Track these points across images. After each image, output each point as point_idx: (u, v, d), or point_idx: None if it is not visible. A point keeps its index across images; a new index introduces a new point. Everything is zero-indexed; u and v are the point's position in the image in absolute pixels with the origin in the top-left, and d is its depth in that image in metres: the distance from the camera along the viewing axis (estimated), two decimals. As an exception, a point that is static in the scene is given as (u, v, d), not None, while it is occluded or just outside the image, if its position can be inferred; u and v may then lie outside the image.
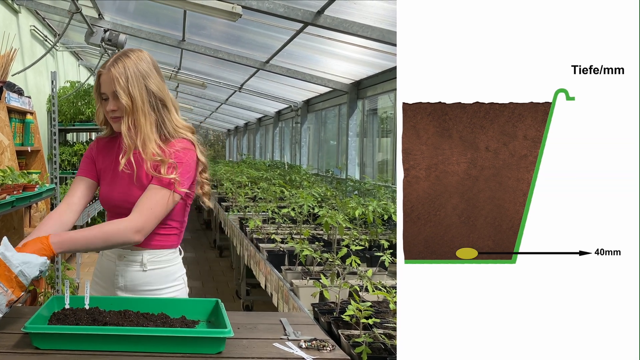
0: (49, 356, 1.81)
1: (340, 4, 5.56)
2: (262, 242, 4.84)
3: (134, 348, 1.85)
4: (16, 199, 4.02)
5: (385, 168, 8.73)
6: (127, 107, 2.22)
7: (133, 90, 2.22)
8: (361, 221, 4.60)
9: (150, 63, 2.30)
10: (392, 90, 7.85)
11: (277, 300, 3.84)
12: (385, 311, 2.84)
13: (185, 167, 2.26)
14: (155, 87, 2.26)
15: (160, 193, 2.21)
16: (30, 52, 8.31)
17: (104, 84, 2.27)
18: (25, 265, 1.98)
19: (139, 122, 2.24)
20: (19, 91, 6.04)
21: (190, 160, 2.28)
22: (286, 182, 7.21)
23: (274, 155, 16.00)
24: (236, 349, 1.90)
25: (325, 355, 1.88)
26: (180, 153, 2.26)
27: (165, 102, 2.30)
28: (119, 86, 2.21)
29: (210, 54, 8.68)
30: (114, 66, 2.24)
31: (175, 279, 2.42)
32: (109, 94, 2.27)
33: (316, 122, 12.44)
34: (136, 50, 2.32)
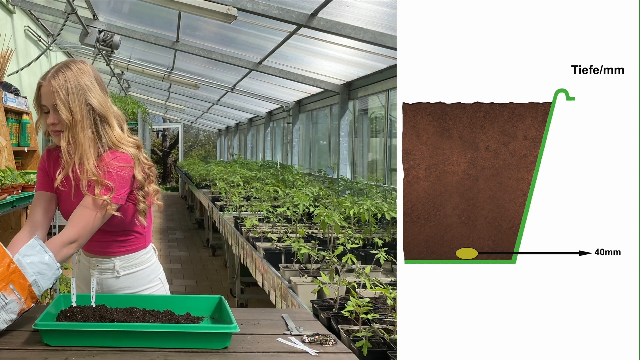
0: (59, 352, 1.84)
1: (334, 7, 5.61)
2: (258, 240, 4.88)
3: (141, 344, 1.88)
4: (16, 199, 4.06)
5: (376, 168, 8.79)
6: (67, 121, 2.15)
7: (73, 104, 2.15)
8: (355, 220, 4.66)
9: (92, 76, 2.23)
10: (383, 91, 7.91)
11: (275, 297, 3.87)
12: (382, 307, 2.89)
13: (120, 182, 2.19)
14: (96, 102, 2.19)
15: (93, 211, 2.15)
16: (25, 52, 8.31)
17: (44, 95, 2.19)
18: (40, 276, 1.99)
19: (78, 138, 2.17)
20: (15, 91, 6.06)
21: (125, 175, 2.21)
22: (279, 181, 7.26)
23: (265, 155, 16.00)
24: (241, 344, 1.94)
25: (328, 350, 1.92)
26: (115, 166, 2.19)
27: (106, 117, 2.22)
28: (59, 100, 2.15)
29: (204, 55, 8.70)
30: (54, 78, 2.17)
31: (150, 280, 2.43)
32: (49, 106, 2.19)
33: (307, 122, 12.48)
34: (78, 62, 2.25)
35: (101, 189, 2.16)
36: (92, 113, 2.19)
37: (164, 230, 13.80)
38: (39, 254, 2.02)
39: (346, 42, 6.67)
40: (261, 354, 1.87)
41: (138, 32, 8.43)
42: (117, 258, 2.36)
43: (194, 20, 7.47)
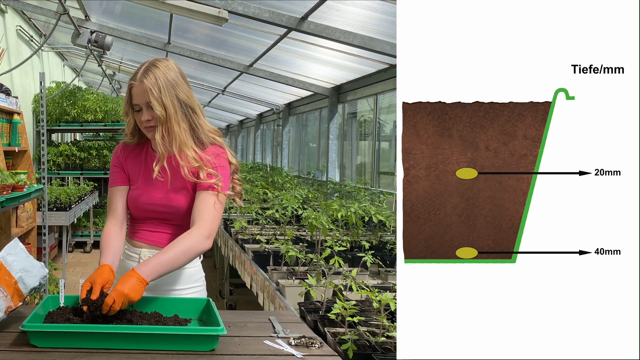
0: (46, 354, 1.84)
1: (324, 11, 5.64)
2: (247, 242, 4.89)
3: (129, 346, 1.89)
4: (6, 199, 4.06)
5: (364, 170, 8.83)
6: (162, 116, 2.26)
7: (166, 100, 2.26)
8: (343, 222, 4.68)
9: (178, 72, 2.34)
10: (372, 95, 7.97)
11: (263, 299, 3.89)
12: (369, 310, 2.91)
13: (222, 170, 2.32)
14: (184, 95, 2.30)
15: (212, 197, 2.27)
16: (17, 52, 8.29)
17: (136, 95, 2.30)
18: (25, 273, 2.01)
19: (173, 130, 2.28)
20: (6, 91, 6.05)
21: (225, 164, 2.35)
22: (268, 183, 7.28)
23: (255, 157, 16.02)
24: (228, 346, 1.95)
25: (314, 352, 1.94)
26: (215, 160, 2.32)
27: (194, 108, 2.34)
28: (153, 97, 2.25)
29: (195, 57, 8.71)
30: (145, 77, 2.27)
31: (196, 280, 2.46)
32: (142, 104, 2.30)
33: (297, 124, 12.52)
34: (163, 60, 2.35)
35: (207, 176, 2.29)
36: (184, 106, 2.31)
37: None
38: (20, 254, 2.05)
39: (336, 46, 6.71)
40: (248, 356, 1.89)
41: (130, 33, 8.43)
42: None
43: (186, 23, 7.47)
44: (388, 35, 5.80)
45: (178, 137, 2.29)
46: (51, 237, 7.01)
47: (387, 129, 8.17)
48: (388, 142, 8.17)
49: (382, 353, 2.35)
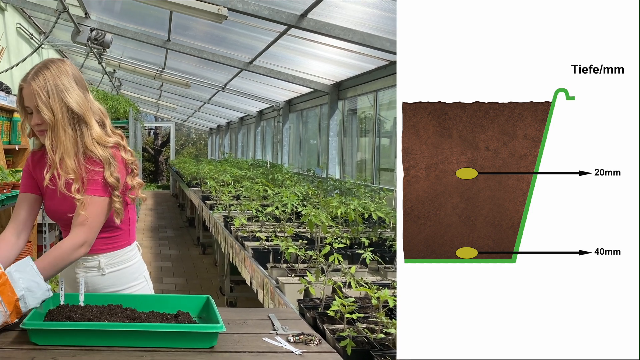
0: (46, 351, 1.84)
1: (323, 8, 5.65)
2: (247, 239, 4.89)
3: (128, 343, 1.89)
4: (6, 198, 4.07)
5: (364, 167, 8.84)
6: (50, 121, 2.18)
7: (54, 105, 2.18)
8: (342, 219, 4.69)
9: (71, 75, 2.25)
10: (372, 91, 7.98)
11: (263, 296, 3.89)
12: (367, 307, 2.92)
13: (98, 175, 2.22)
14: (73, 102, 2.21)
15: (94, 210, 2.20)
16: (17, 50, 8.29)
17: (26, 97, 2.22)
18: (29, 293, 1.99)
19: (59, 137, 2.20)
20: (6, 89, 6.03)
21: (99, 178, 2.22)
22: (269, 180, 7.28)
23: (256, 154, 16.02)
24: (227, 343, 1.95)
25: (313, 349, 1.94)
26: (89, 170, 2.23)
27: (84, 117, 2.23)
28: (41, 101, 2.17)
29: (195, 54, 8.72)
30: (34, 80, 2.19)
31: (135, 278, 2.44)
32: (32, 107, 2.22)
33: (297, 121, 12.54)
34: (57, 62, 2.27)
35: (78, 187, 2.20)
36: (71, 113, 2.21)
37: (155, 228, 13.81)
38: (30, 272, 2.03)
39: (336, 43, 6.72)
40: (247, 353, 1.89)
41: (130, 30, 8.44)
42: (102, 255, 2.35)
43: (185, 20, 7.48)
44: (387, 32, 5.81)
45: (63, 145, 2.21)
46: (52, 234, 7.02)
47: (387, 126, 8.17)
48: (388, 138, 8.18)
49: (381, 349, 2.35)
